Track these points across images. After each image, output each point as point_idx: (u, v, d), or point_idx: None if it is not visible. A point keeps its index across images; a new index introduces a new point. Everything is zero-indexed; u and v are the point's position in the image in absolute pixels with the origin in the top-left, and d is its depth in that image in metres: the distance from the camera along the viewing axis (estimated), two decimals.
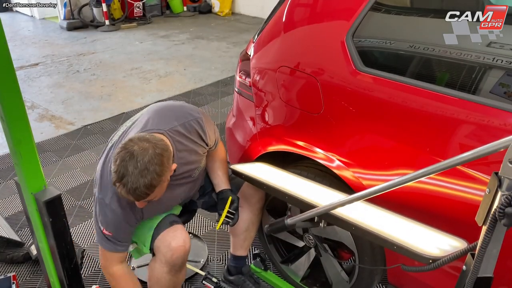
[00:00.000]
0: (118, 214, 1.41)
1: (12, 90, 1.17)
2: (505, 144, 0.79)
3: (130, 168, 1.21)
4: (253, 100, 1.85)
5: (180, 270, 1.53)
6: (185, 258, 1.50)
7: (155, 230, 1.53)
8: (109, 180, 1.35)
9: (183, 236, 1.50)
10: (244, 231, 1.80)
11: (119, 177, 1.22)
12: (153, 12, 8.07)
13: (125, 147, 1.24)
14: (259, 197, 1.76)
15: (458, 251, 1.02)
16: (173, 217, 1.59)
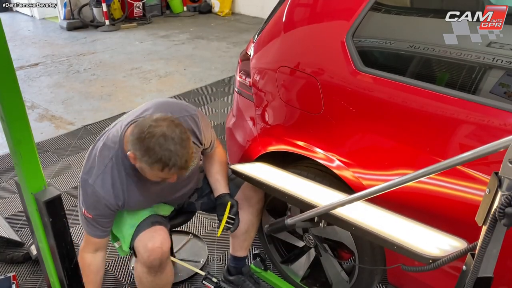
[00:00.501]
0: (99, 196, 1.40)
1: (12, 90, 1.17)
2: (505, 144, 0.79)
3: (172, 147, 1.24)
4: (253, 100, 1.86)
5: (160, 271, 1.50)
6: (163, 259, 1.47)
7: (136, 230, 1.52)
8: (97, 162, 1.40)
9: (161, 238, 1.48)
10: (244, 232, 1.79)
11: (167, 160, 1.24)
12: (153, 12, 8.06)
13: (152, 134, 1.24)
14: (258, 198, 1.75)
15: (458, 251, 1.02)
16: (156, 218, 1.57)
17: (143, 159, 1.27)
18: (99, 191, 1.40)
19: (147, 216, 1.55)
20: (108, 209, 1.44)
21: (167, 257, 1.49)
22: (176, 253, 2.16)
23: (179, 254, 2.17)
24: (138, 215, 1.56)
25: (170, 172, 1.28)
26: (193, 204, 1.81)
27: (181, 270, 2.06)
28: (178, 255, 2.15)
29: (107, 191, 1.41)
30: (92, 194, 1.41)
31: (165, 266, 1.52)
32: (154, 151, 1.24)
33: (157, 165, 1.26)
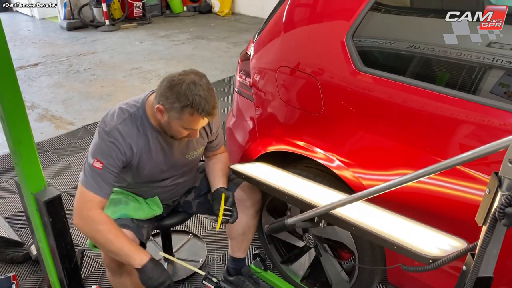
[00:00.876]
0: (114, 140, 1.41)
1: (12, 90, 1.17)
2: (505, 144, 0.79)
3: (202, 93, 1.34)
4: (253, 100, 1.86)
5: (126, 273, 1.47)
6: (120, 263, 1.43)
7: None
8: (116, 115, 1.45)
9: None
10: (241, 234, 1.79)
11: (197, 104, 1.33)
12: (153, 12, 8.07)
13: (183, 81, 1.34)
14: (254, 201, 1.73)
15: (458, 251, 1.02)
16: (126, 221, 1.52)
17: (173, 106, 1.34)
18: (115, 135, 1.42)
19: (116, 218, 1.52)
20: (120, 154, 1.42)
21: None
22: (176, 252, 2.15)
23: (178, 253, 2.17)
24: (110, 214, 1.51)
25: (200, 116, 1.35)
26: (190, 204, 1.80)
27: (180, 270, 2.06)
28: (178, 255, 2.15)
29: (123, 136, 1.43)
30: (107, 138, 1.41)
31: (130, 269, 1.46)
32: (186, 95, 1.32)
33: (188, 109, 1.33)
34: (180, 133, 1.44)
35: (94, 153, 1.42)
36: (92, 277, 2.06)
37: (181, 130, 1.42)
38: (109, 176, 1.42)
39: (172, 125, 1.41)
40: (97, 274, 2.08)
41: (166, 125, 1.44)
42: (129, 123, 1.46)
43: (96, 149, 1.43)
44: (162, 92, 1.38)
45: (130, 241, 1.40)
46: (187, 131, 1.43)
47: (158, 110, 1.40)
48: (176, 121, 1.39)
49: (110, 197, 1.58)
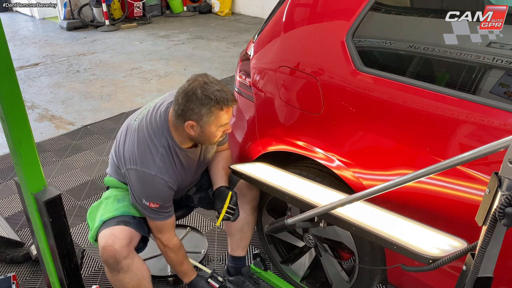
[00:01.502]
0: (164, 183, 1.48)
1: (12, 90, 1.17)
2: (505, 144, 0.79)
3: (217, 87, 1.40)
4: (253, 100, 1.86)
5: (123, 270, 1.48)
6: (117, 258, 1.45)
7: (103, 224, 1.53)
8: (152, 151, 1.48)
9: (114, 237, 1.46)
10: (239, 231, 1.80)
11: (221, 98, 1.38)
12: (153, 12, 8.07)
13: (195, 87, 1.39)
14: (251, 197, 1.76)
15: (458, 251, 1.02)
16: (124, 218, 1.55)
17: (201, 112, 1.39)
18: (164, 178, 1.48)
19: (117, 215, 1.55)
20: (172, 191, 1.53)
21: (125, 256, 1.46)
22: None
23: None
24: (111, 211, 1.56)
25: (228, 107, 1.41)
26: (191, 198, 1.82)
27: None
28: None
29: (169, 173, 1.50)
30: (156, 184, 1.48)
31: (127, 265, 1.48)
32: (208, 97, 1.37)
33: (216, 106, 1.38)
34: (216, 135, 1.48)
35: (147, 198, 1.50)
36: (92, 277, 2.06)
37: (216, 131, 1.46)
38: (168, 208, 1.57)
39: (207, 132, 1.44)
40: (97, 274, 2.08)
41: (200, 136, 1.47)
42: (166, 158, 1.50)
43: (147, 194, 1.49)
44: (184, 108, 1.40)
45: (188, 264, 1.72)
46: (222, 128, 1.47)
47: (189, 127, 1.43)
48: (210, 125, 1.43)
49: (114, 193, 1.66)
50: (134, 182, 1.49)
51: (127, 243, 1.48)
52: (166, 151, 1.50)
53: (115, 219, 1.53)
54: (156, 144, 1.49)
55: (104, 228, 1.51)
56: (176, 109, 1.43)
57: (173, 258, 1.66)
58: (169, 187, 1.51)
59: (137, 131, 1.53)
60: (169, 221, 1.58)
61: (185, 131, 1.46)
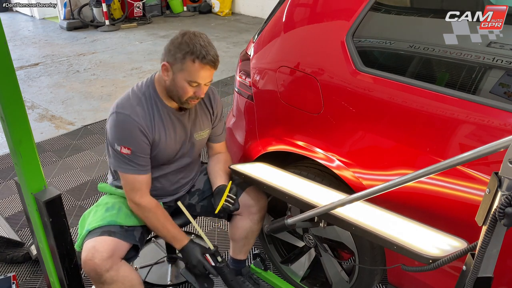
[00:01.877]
0: (135, 124, 1.44)
1: (12, 90, 1.17)
2: (505, 144, 0.79)
3: (202, 43, 1.39)
4: (253, 100, 1.86)
5: (102, 283, 1.42)
6: (99, 272, 1.39)
7: (88, 234, 1.49)
8: (131, 97, 1.49)
9: (94, 250, 1.40)
10: (243, 238, 1.78)
11: (198, 51, 1.37)
12: (153, 12, 8.07)
13: (184, 33, 1.40)
14: (259, 207, 1.72)
15: (458, 251, 1.02)
16: (110, 228, 1.49)
17: (176, 56, 1.39)
18: (135, 119, 1.45)
19: (103, 225, 1.49)
20: (144, 137, 1.47)
21: (107, 269, 1.40)
22: (179, 253, 2.14)
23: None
24: (97, 220, 1.51)
25: (202, 63, 1.38)
26: (194, 206, 1.79)
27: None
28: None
29: (144, 118, 1.47)
30: (128, 123, 1.44)
31: (111, 277, 1.42)
32: (187, 43, 1.38)
33: (189, 56, 1.37)
34: (186, 91, 1.44)
35: (119, 140, 1.45)
36: None
37: (186, 86, 1.42)
38: (140, 159, 1.48)
39: (177, 82, 1.43)
40: None
41: (171, 85, 1.45)
42: (144, 103, 1.50)
43: (120, 135, 1.46)
44: (166, 50, 1.43)
45: (174, 226, 1.57)
46: (192, 88, 1.43)
47: (163, 69, 1.44)
48: (180, 74, 1.41)
49: (105, 200, 1.62)
50: (110, 126, 1.48)
51: (109, 256, 1.41)
52: (146, 99, 1.50)
53: (100, 229, 1.48)
54: (137, 92, 1.52)
55: (89, 238, 1.47)
56: (163, 51, 1.46)
57: (153, 219, 1.53)
58: (141, 131, 1.45)
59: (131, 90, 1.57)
60: (141, 177, 1.50)
61: (162, 77, 1.47)
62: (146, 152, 1.50)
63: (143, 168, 1.50)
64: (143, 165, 1.50)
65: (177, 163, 1.66)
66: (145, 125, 1.47)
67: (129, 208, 1.59)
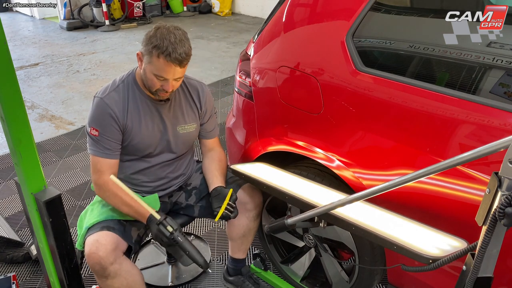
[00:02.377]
0: (106, 107, 1.48)
1: (12, 90, 1.17)
2: (505, 144, 0.79)
3: (172, 39, 1.39)
4: (253, 100, 1.86)
5: (111, 276, 1.44)
6: (103, 265, 1.41)
7: (88, 230, 1.51)
8: (110, 85, 1.52)
9: (98, 244, 1.42)
10: (241, 237, 1.78)
11: (164, 47, 1.38)
12: (153, 12, 8.07)
13: (158, 27, 1.42)
14: (255, 204, 1.72)
15: (458, 251, 1.02)
16: (109, 223, 1.51)
17: (146, 48, 1.41)
18: (107, 102, 1.48)
19: (101, 220, 1.52)
20: (113, 122, 1.49)
21: (111, 262, 1.42)
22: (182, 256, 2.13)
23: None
24: (95, 216, 1.53)
25: (165, 60, 1.38)
26: (192, 207, 1.77)
27: (184, 272, 2.06)
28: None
29: (116, 103, 1.50)
30: (100, 106, 1.48)
31: (115, 271, 1.44)
32: (156, 38, 1.39)
33: (155, 51, 1.38)
34: (154, 83, 1.46)
35: (90, 122, 1.51)
36: (92, 277, 2.06)
37: (154, 78, 1.44)
38: (107, 142, 1.50)
39: (146, 72, 1.45)
40: None
41: (143, 74, 1.48)
42: (121, 90, 1.53)
43: (92, 117, 1.50)
44: (142, 40, 1.45)
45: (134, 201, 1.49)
46: (159, 81, 1.45)
47: (138, 58, 1.48)
48: (148, 66, 1.44)
49: (98, 198, 1.62)
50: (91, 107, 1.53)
51: (113, 249, 1.43)
52: (124, 86, 1.53)
53: (99, 225, 1.50)
54: (117, 80, 1.55)
55: (89, 234, 1.48)
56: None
57: (112, 197, 1.50)
58: (110, 115, 1.48)
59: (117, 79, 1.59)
60: (106, 161, 1.51)
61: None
62: (114, 136, 1.51)
63: (108, 152, 1.51)
64: (108, 149, 1.51)
65: (161, 156, 1.65)
66: (117, 110, 1.49)
67: None
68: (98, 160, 1.51)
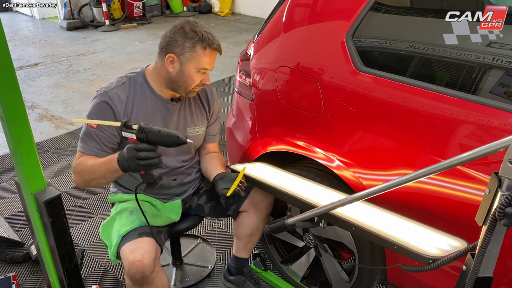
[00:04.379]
0: (109, 102, 1.44)
1: (12, 90, 1.17)
2: (505, 144, 0.79)
3: (205, 29, 1.43)
4: (253, 100, 1.86)
5: (146, 284, 1.41)
6: (146, 273, 1.38)
7: (122, 239, 1.46)
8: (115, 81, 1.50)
9: (142, 251, 1.39)
10: (248, 235, 1.78)
11: (206, 38, 1.41)
12: (153, 12, 8.07)
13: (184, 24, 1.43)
14: (267, 204, 1.73)
15: (458, 251, 1.02)
16: (145, 229, 1.49)
17: (185, 45, 1.41)
18: (110, 96, 1.45)
19: (136, 227, 1.48)
20: (114, 117, 1.45)
21: (152, 270, 1.39)
22: (185, 257, 2.14)
23: (187, 258, 2.15)
24: (127, 224, 1.50)
25: (211, 48, 1.42)
26: (202, 207, 1.76)
27: (189, 275, 2.05)
28: (186, 259, 2.13)
29: (119, 99, 1.47)
30: (102, 99, 1.45)
31: (152, 279, 1.42)
32: (194, 32, 1.40)
33: (199, 43, 1.41)
34: (194, 80, 1.46)
35: (89, 114, 1.47)
36: (92, 277, 2.06)
37: (194, 75, 1.45)
38: (102, 136, 1.45)
39: (185, 71, 1.44)
40: (97, 274, 2.08)
41: (178, 75, 1.46)
42: (127, 86, 1.50)
43: (91, 109, 1.47)
44: (169, 40, 1.43)
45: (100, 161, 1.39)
46: (200, 75, 1.46)
47: (168, 61, 1.44)
48: (189, 64, 1.43)
49: (124, 206, 1.58)
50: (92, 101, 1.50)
51: (155, 256, 1.42)
52: (130, 84, 1.51)
53: (135, 231, 1.46)
54: (125, 75, 1.54)
55: (125, 242, 1.44)
56: (161, 43, 1.46)
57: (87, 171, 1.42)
58: (112, 109, 1.44)
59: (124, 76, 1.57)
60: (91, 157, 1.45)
61: (164, 69, 1.46)
62: (111, 131, 1.46)
63: (98, 149, 1.45)
64: (99, 144, 1.45)
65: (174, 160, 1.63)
66: (119, 106, 1.46)
67: (151, 209, 1.60)
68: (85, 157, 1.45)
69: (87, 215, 2.52)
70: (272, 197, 1.74)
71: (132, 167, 1.26)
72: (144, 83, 1.52)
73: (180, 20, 1.46)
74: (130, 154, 1.24)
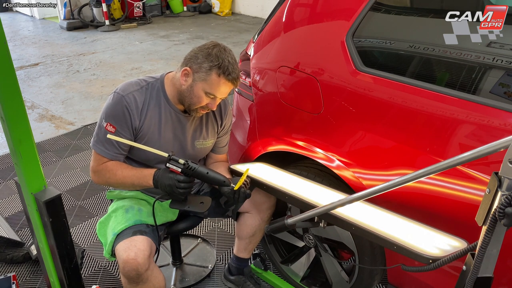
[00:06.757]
0: (126, 106, 1.45)
1: (12, 90, 1.17)
2: (505, 144, 0.79)
3: (230, 59, 1.42)
4: (253, 100, 1.86)
5: (142, 282, 1.42)
6: (141, 271, 1.38)
7: (117, 237, 1.47)
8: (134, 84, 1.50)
9: (136, 249, 1.39)
10: (250, 236, 1.78)
11: (225, 66, 1.40)
12: (153, 12, 8.07)
13: (214, 46, 1.44)
14: (270, 205, 1.73)
15: (458, 251, 1.02)
16: (140, 227, 1.49)
17: (202, 65, 1.42)
18: (127, 100, 1.46)
19: (130, 225, 1.49)
20: (131, 120, 1.47)
21: (146, 268, 1.40)
22: (185, 257, 2.14)
23: (187, 258, 2.15)
24: (122, 222, 1.50)
25: (225, 79, 1.41)
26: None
27: (189, 275, 2.05)
28: (186, 259, 2.13)
29: (135, 104, 1.47)
30: (120, 103, 1.45)
31: (147, 277, 1.42)
32: (216, 56, 1.41)
33: (216, 69, 1.40)
34: (201, 100, 1.46)
35: (107, 117, 1.47)
36: (92, 277, 2.06)
37: (203, 96, 1.45)
38: (122, 136, 1.47)
39: (195, 89, 1.45)
40: (97, 274, 2.08)
41: (187, 91, 1.47)
42: (145, 92, 1.51)
43: (110, 112, 1.47)
44: (191, 56, 1.45)
45: (133, 169, 1.51)
46: (207, 98, 1.46)
47: (183, 74, 1.46)
48: (200, 84, 1.43)
49: (120, 204, 1.59)
50: (105, 104, 1.50)
51: (149, 254, 1.42)
52: (148, 90, 1.51)
53: (130, 230, 1.47)
54: (141, 80, 1.53)
55: (119, 240, 1.44)
56: (186, 55, 1.48)
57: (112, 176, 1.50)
58: (129, 113, 1.46)
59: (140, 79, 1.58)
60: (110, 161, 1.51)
61: (179, 80, 1.48)
62: (127, 136, 1.49)
63: (116, 152, 1.50)
64: (117, 149, 1.49)
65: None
66: (135, 111, 1.47)
67: (148, 207, 1.60)
68: (102, 159, 1.50)
69: (87, 215, 2.52)
70: (275, 198, 1.74)
71: (168, 191, 1.41)
72: (160, 90, 1.53)
73: (213, 41, 1.46)
74: (172, 182, 1.39)
